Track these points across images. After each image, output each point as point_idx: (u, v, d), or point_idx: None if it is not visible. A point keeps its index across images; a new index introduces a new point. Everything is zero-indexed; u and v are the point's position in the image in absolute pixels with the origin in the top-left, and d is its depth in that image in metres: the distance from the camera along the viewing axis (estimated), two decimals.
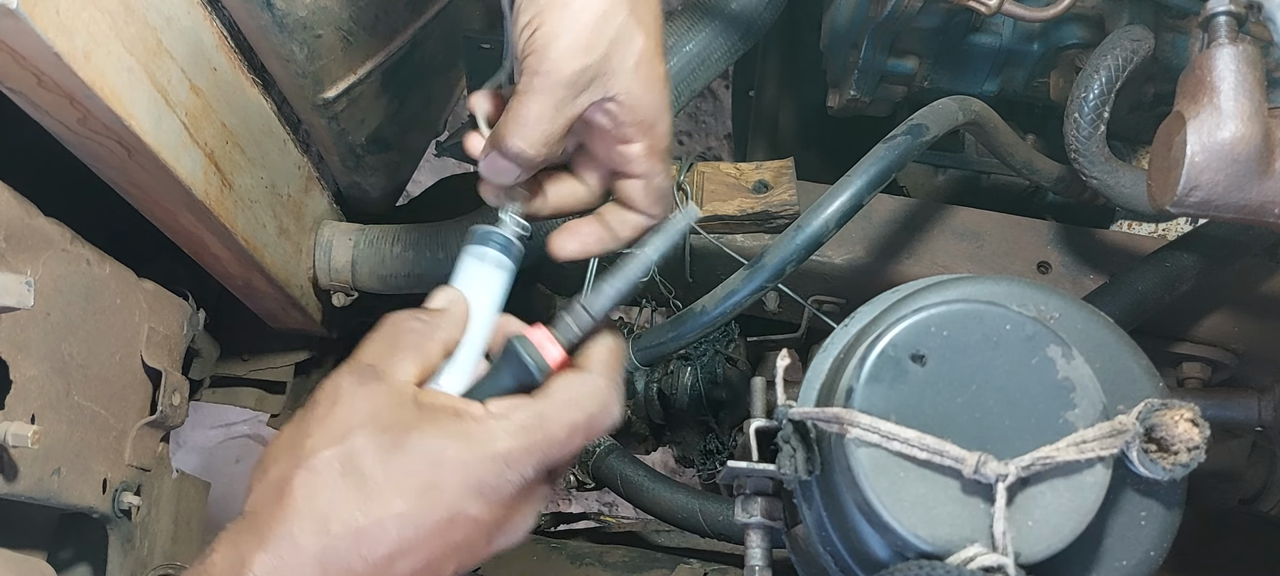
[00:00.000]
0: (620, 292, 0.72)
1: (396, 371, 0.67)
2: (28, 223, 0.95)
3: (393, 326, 0.71)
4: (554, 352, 0.71)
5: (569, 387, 0.69)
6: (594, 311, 0.72)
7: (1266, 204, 0.79)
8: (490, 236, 0.78)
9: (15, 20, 0.71)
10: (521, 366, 0.69)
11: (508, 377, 0.70)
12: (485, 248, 0.78)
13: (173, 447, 1.30)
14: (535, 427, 0.67)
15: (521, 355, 0.69)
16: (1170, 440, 0.63)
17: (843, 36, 1.27)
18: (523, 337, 0.70)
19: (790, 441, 0.72)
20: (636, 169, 0.78)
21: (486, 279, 0.77)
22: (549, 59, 0.72)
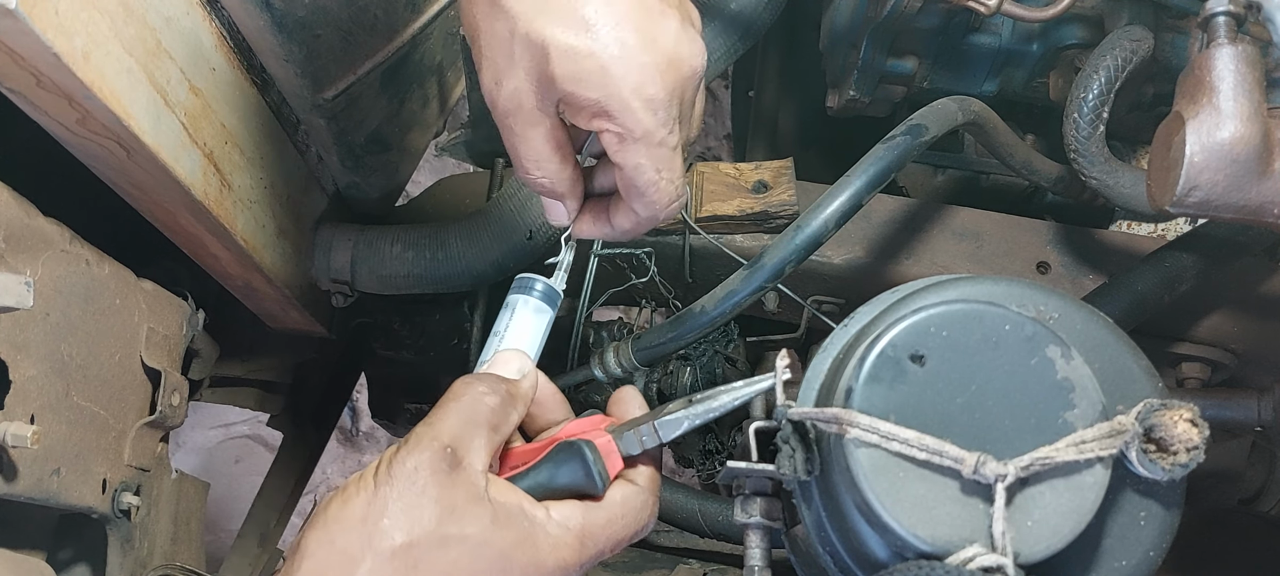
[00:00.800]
0: (692, 427, 0.74)
1: (474, 459, 0.68)
2: (27, 223, 0.95)
3: (472, 399, 0.71)
4: (615, 464, 0.74)
5: (624, 504, 0.73)
6: (664, 437, 0.74)
7: (1266, 204, 0.79)
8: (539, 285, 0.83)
9: (14, 20, 0.71)
10: (586, 474, 0.72)
11: (567, 474, 0.72)
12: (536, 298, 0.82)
13: (172, 448, 1.30)
14: (592, 540, 0.71)
15: (589, 466, 0.72)
16: (1169, 440, 0.63)
17: (842, 37, 1.27)
18: (593, 447, 0.73)
19: (789, 441, 0.72)
20: (614, 158, 0.76)
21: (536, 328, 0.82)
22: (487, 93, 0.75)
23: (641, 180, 0.75)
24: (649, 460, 0.77)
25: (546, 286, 0.83)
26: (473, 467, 0.68)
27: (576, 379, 1.29)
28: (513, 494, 0.69)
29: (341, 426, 2.89)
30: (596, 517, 0.72)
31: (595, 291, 1.34)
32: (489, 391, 0.72)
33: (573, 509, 0.71)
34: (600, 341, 1.38)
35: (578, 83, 0.70)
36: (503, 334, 0.82)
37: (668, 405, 0.76)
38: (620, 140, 0.73)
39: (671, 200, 0.78)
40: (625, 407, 0.80)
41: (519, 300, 0.83)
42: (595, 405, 1.41)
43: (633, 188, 0.76)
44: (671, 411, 0.74)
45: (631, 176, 0.75)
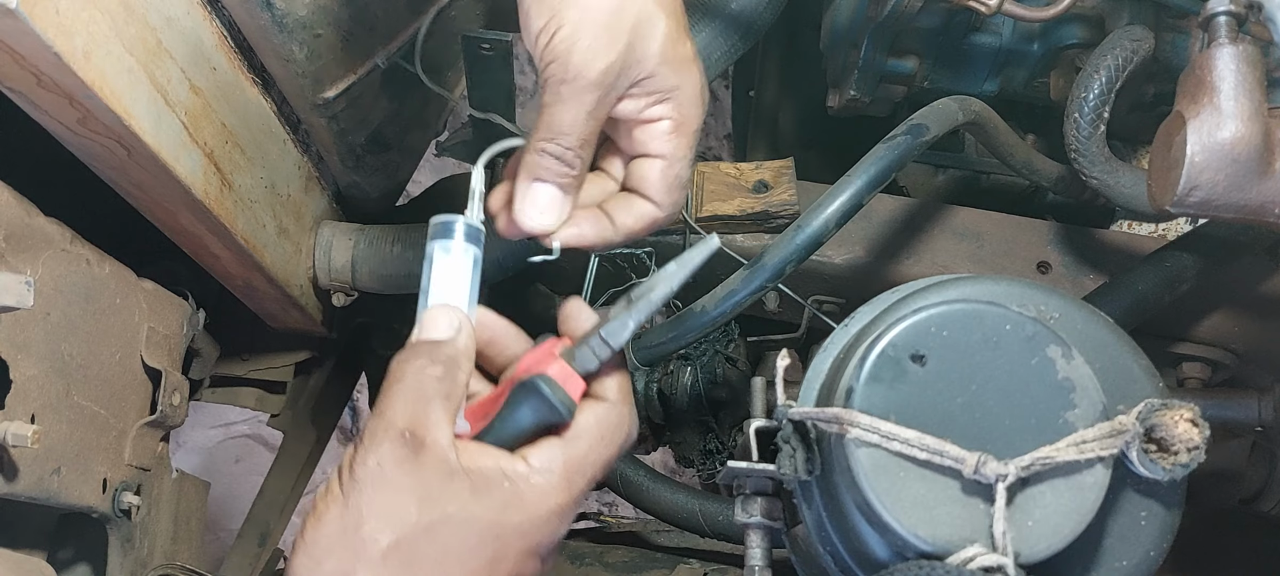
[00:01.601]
0: (638, 324, 0.71)
1: (435, 432, 0.65)
2: (28, 222, 0.95)
3: (414, 375, 0.67)
4: (576, 387, 0.70)
5: (600, 423, 0.70)
6: (614, 344, 0.70)
7: (1266, 204, 0.79)
8: (454, 225, 0.75)
9: (15, 20, 0.71)
10: (549, 408, 0.68)
11: (531, 414, 0.69)
12: (452, 239, 0.75)
13: (173, 447, 1.30)
14: (578, 473, 0.68)
15: (549, 397, 0.68)
16: (1170, 440, 0.63)
17: (843, 36, 1.27)
18: (548, 378, 0.69)
19: (790, 441, 0.72)
20: (655, 148, 0.75)
21: (462, 271, 0.75)
22: (572, 64, 0.70)
23: (681, 171, 0.76)
24: (611, 369, 0.72)
25: (465, 225, 0.75)
26: (438, 443, 0.64)
27: None
28: (486, 455, 0.66)
29: (341, 426, 2.89)
30: (576, 449, 0.68)
31: (595, 291, 1.34)
32: (428, 361, 0.68)
33: (550, 448, 0.68)
34: None
35: (668, 64, 0.72)
36: (428, 291, 0.75)
37: (610, 310, 0.72)
38: (675, 128, 0.74)
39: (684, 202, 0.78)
40: (576, 323, 0.74)
41: (435, 248, 0.75)
42: None
43: (668, 179, 0.76)
44: (614, 316, 0.71)
45: (670, 168, 0.76)
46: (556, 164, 0.74)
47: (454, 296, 0.74)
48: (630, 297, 0.71)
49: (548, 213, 0.76)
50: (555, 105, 0.72)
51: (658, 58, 0.72)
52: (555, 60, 0.70)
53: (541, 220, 0.77)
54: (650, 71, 0.72)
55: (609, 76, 0.70)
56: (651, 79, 0.72)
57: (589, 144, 0.74)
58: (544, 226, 0.77)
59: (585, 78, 0.70)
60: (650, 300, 0.71)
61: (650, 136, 0.75)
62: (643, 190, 0.77)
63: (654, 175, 0.76)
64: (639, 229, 0.79)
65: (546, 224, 0.77)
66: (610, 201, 0.79)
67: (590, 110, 0.72)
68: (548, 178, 0.75)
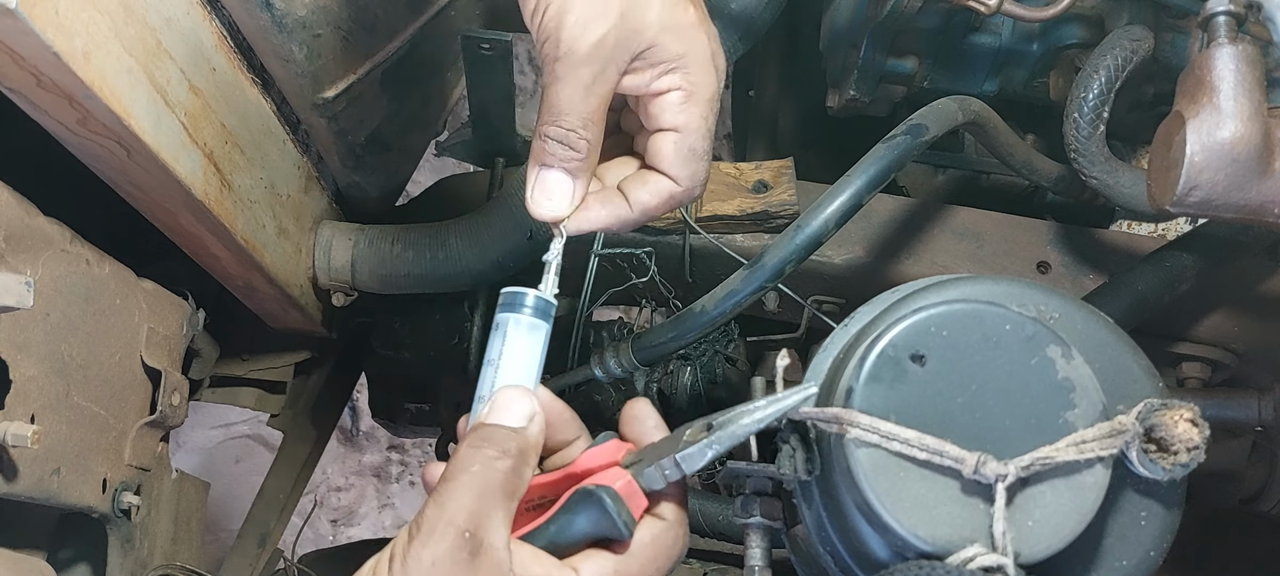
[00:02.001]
0: (716, 455, 0.68)
1: (494, 537, 0.62)
2: (27, 223, 0.95)
3: (483, 468, 0.64)
4: (639, 505, 0.68)
5: (655, 544, 0.68)
6: (688, 470, 0.68)
7: (1266, 203, 0.79)
8: (529, 300, 0.72)
9: (14, 20, 0.71)
10: (610, 523, 0.66)
11: (589, 525, 0.67)
12: (528, 315, 0.72)
13: (173, 447, 1.30)
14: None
15: (613, 513, 0.66)
16: (1170, 440, 0.63)
17: (842, 36, 1.27)
18: (613, 493, 0.66)
19: (790, 441, 0.72)
20: (668, 120, 0.73)
21: (532, 349, 0.72)
22: (563, 39, 0.68)
23: (696, 143, 0.73)
24: (674, 491, 0.70)
25: (537, 299, 0.72)
26: (494, 548, 0.62)
27: (576, 378, 1.29)
28: (539, 563, 0.64)
29: (341, 426, 2.89)
30: (629, 568, 0.66)
31: (595, 291, 1.34)
32: (499, 454, 0.64)
33: (604, 564, 0.66)
34: (600, 341, 1.38)
35: (670, 32, 0.70)
36: (497, 364, 0.72)
37: (685, 430, 0.69)
38: (686, 99, 0.72)
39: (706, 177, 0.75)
40: (640, 427, 0.73)
41: (509, 320, 0.72)
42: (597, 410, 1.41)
43: (682, 151, 0.73)
44: (692, 440, 0.68)
45: (684, 139, 0.73)
46: (560, 148, 0.72)
47: (525, 376, 0.71)
48: (711, 422, 0.68)
49: (557, 199, 0.74)
50: (552, 85, 0.70)
51: (657, 26, 0.70)
52: (547, 38, 0.69)
53: (550, 207, 0.74)
54: (651, 41, 0.70)
55: (603, 49, 0.69)
56: (654, 49, 0.70)
57: (593, 124, 0.72)
58: (554, 213, 0.75)
59: (577, 52, 0.68)
60: (733, 433, 0.67)
61: (662, 109, 0.73)
62: (658, 165, 0.75)
63: (668, 148, 0.74)
64: (656, 205, 0.75)
65: (557, 210, 0.74)
66: (626, 181, 0.77)
67: (587, 85, 0.70)
68: (553, 163, 0.73)
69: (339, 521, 2.84)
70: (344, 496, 2.87)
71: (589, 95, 0.70)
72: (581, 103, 0.70)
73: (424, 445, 2.89)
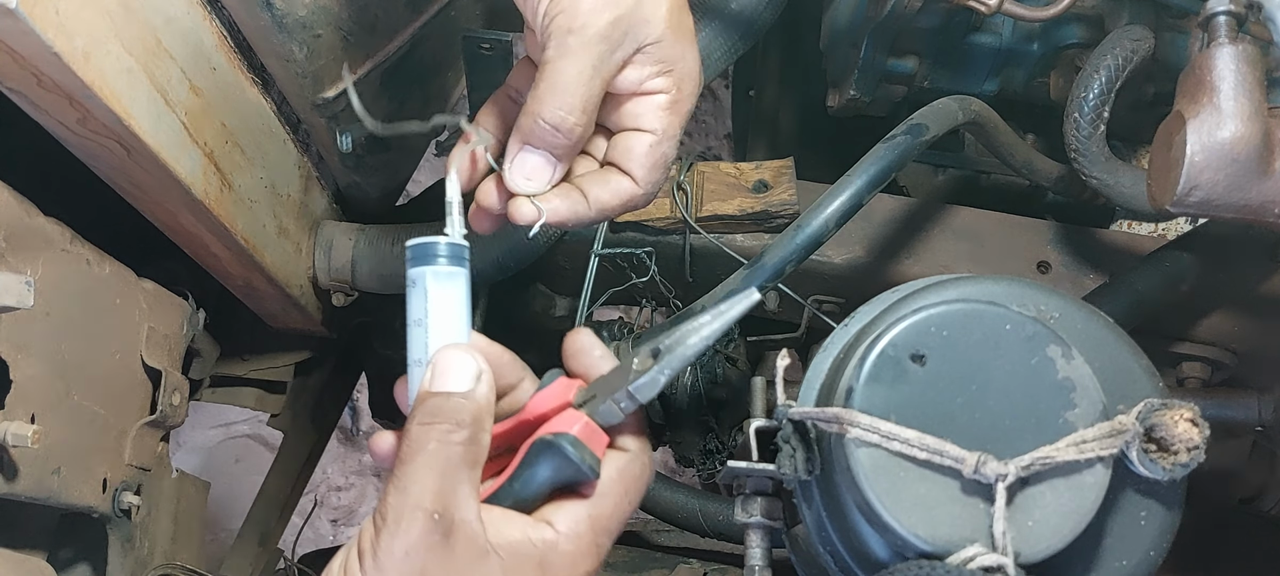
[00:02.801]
0: (669, 379, 0.65)
1: (464, 510, 0.60)
2: (27, 222, 0.95)
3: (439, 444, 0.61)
4: (600, 444, 0.66)
5: (623, 476, 0.67)
6: (643, 399, 0.66)
7: (1266, 203, 0.79)
8: (441, 248, 0.69)
9: (15, 20, 0.71)
10: (575, 469, 0.65)
11: (554, 473, 0.65)
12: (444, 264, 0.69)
13: (173, 447, 1.30)
14: (604, 532, 0.66)
15: (575, 459, 0.64)
16: (1170, 440, 0.63)
17: (843, 36, 1.27)
18: (571, 439, 0.64)
19: (790, 441, 0.72)
20: (647, 121, 0.72)
21: (457, 298, 0.69)
22: (580, 12, 0.66)
23: (667, 150, 0.73)
24: (632, 421, 0.68)
25: (449, 245, 0.69)
26: (466, 522, 0.60)
27: None
28: (512, 526, 0.63)
29: (342, 426, 2.89)
30: (602, 508, 0.65)
31: (595, 291, 1.34)
32: (453, 426, 0.62)
33: (577, 511, 0.65)
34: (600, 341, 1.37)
35: (674, 32, 0.70)
36: (425, 322, 0.69)
37: (633, 358, 0.67)
38: (671, 104, 0.72)
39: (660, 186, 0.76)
40: (587, 359, 0.70)
41: (426, 273, 0.69)
42: None
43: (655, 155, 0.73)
44: (642, 369, 0.65)
45: (658, 145, 0.73)
46: (551, 132, 0.70)
47: (456, 330, 0.68)
48: (660, 347, 0.66)
49: (536, 180, 0.73)
50: (559, 58, 0.68)
51: (664, 23, 0.69)
52: (562, 11, 0.67)
53: (526, 186, 0.73)
54: (657, 36, 0.69)
55: (617, 31, 0.67)
56: (658, 45, 0.70)
57: (589, 110, 0.70)
58: (529, 193, 0.73)
59: (593, 27, 0.67)
60: (682, 353, 0.65)
61: (644, 109, 0.72)
62: (624, 164, 0.73)
63: (640, 149, 0.72)
64: (614, 205, 0.74)
65: (533, 191, 0.73)
66: (585, 177, 0.75)
67: (595, 65, 0.68)
68: (541, 144, 0.71)
69: (339, 521, 2.84)
70: (344, 496, 2.87)
71: (594, 77, 0.69)
72: (586, 84, 0.68)
73: None
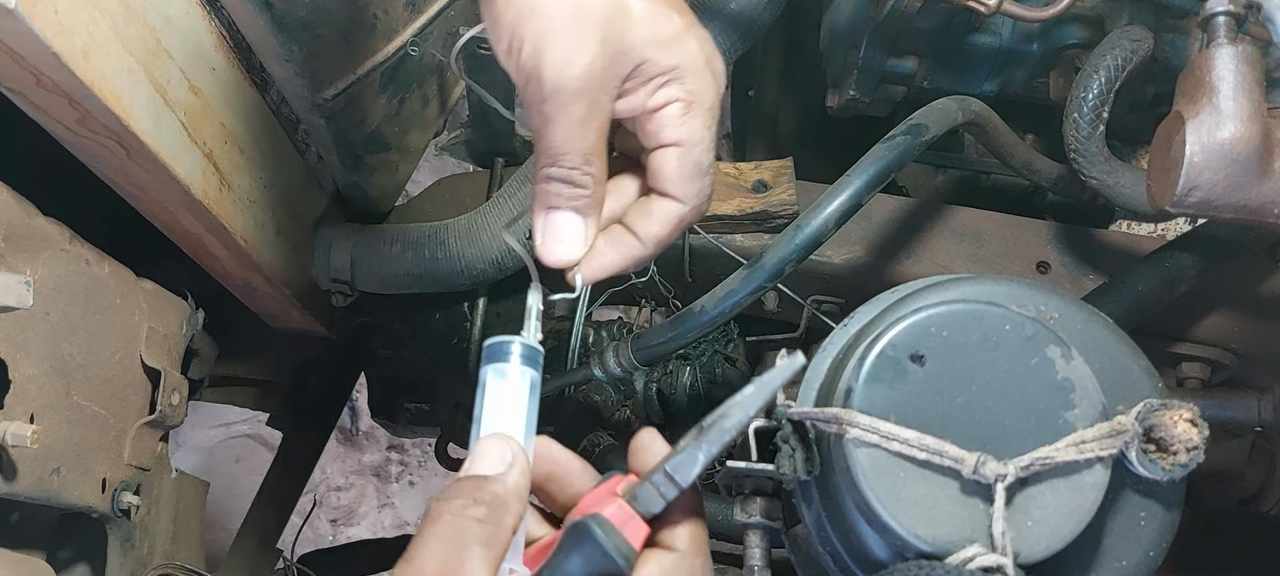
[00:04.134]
0: (709, 458, 0.62)
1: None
2: (27, 222, 0.95)
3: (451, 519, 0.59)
4: (637, 531, 0.61)
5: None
6: (682, 481, 0.62)
7: (1266, 204, 0.79)
8: (509, 348, 0.67)
9: (14, 20, 0.71)
10: (603, 555, 0.60)
11: (582, 563, 0.60)
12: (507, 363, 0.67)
13: (172, 447, 1.30)
14: None
15: (603, 543, 0.60)
16: (1169, 440, 0.63)
17: (842, 36, 1.27)
18: (602, 520, 0.60)
19: (789, 441, 0.72)
20: (669, 135, 0.68)
21: (517, 398, 0.67)
22: (547, 78, 0.63)
23: (700, 157, 0.69)
24: (683, 514, 0.63)
25: (522, 346, 0.67)
26: None
27: (575, 378, 1.29)
28: None
29: (341, 426, 2.89)
30: None
31: (595, 291, 1.34)
32: (469, 502, 0.59)
33: None
34: (600, 341, 1.38)
35: (658, 45, 0.65)
36: (479, 419, 0.67)
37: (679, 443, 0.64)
38: (686, 110, 0.67)
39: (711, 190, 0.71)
40: (646, 456, 0.66)
41: (489, 372, 0.67)
42: (596, 410, 1.41)
43: (686, 167, 0.68)
44: (681, 448, 0.62)
45: (687, 154, 0.68)
46: (566, 188, 0.68)
47: (509, 426, 0.66)
48: (701, 426, 0.63)
49: (570, 242, 0.70)
50: (544, 127, 0.65)
51: (642, 41, 0.65)
52: (529, 79, 0.64)
53: (564, 251, 0.70)
54: (639, 58, 0.65)
55: (590, 80, 0.64)
56: (644, 66, 0.66)
57: (594, 158, 0.67)
58: (569, 257, 0.70)
59: (565, 89, 0.63)
60: (724, 429, 0.62)
61: (661, 124, 0.68)
62: (661, 187, 0.70)
63: (670, 166, 0.68)
64: (667, 233, 0.71)
65: (571, 254, 0.70)
66: (630, 213, 0.72)
67: (581, 121, 0.65)
68: (561, 204, 0.69)
69: (338, 521, 2.84)
70: (343, 496, 2.87)
71: (585, 130, 0.65)
72: (578, 139, 0.65)
73: (424, 445, 2.89)
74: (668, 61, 0.66)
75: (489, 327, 1.38)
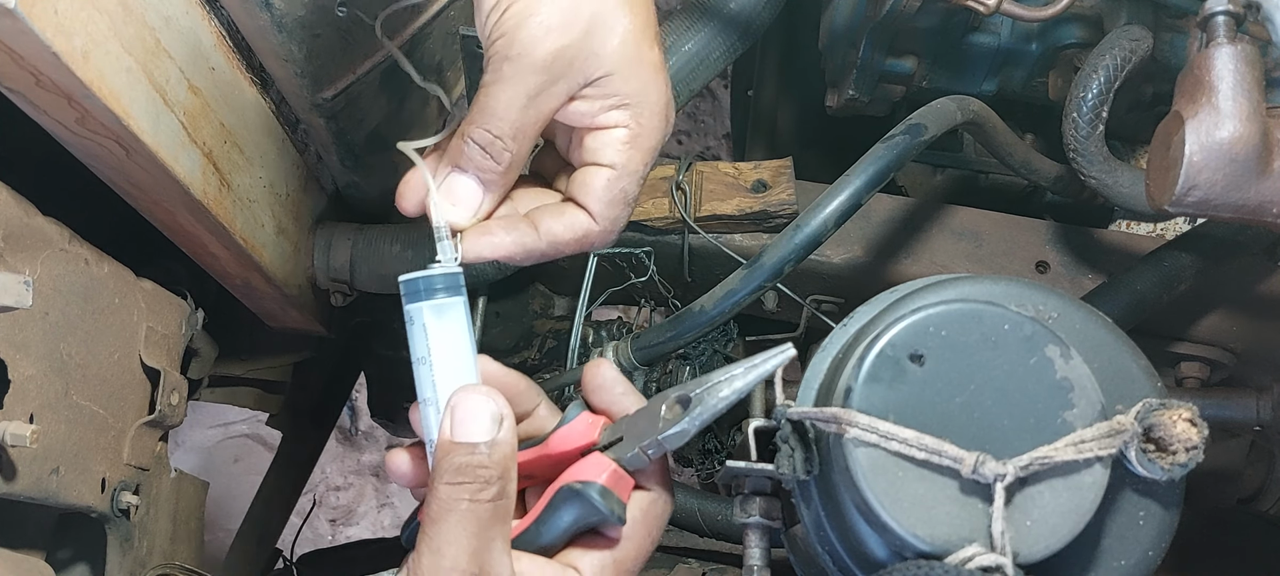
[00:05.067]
0: (697, 429, 0.65)
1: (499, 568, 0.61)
2: (26, 222, 0.95)
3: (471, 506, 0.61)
4: (628, 488, 0.67)
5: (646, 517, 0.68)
6: (671, 448, 0.66)
7: (1265, 203, 0.79)
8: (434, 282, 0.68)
9: (13, 20, 0.71)
10: (602, 517, 0.65)
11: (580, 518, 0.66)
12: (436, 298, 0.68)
13: (172, 447, 1.30)
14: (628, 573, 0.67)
15: (602, 508, 0.65)
16: (1168, 440, 0.63)
17: (841, 36, 1.27)
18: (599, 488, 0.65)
19: (788, 441, 0.72)
20: (606, 156, 0.69)
21: (460, 330, 0.68)
22: (520, 40, 0.63)
23: (629, 187, 0.70)
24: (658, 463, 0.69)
25: (443, 276, 0.68)
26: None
27: (574, 378, 1.29)
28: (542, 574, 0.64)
29: (341, 425, 2.89)
30: (627, 551, 0.66)
31: (594, 291, 1.34)
32: (481, 485, 0.61)
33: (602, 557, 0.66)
34: (599, 340, 1.38)
35: (629, 68, 0.66)
36: (429, 360, 0.67)
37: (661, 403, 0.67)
38: (631, 140, 0.68)
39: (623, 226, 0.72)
40: (608, 394, 0.69)
41: (423, 309, 0.67)
42: None
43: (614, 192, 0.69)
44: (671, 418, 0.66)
45: (617, 181, 0.69)
46: (480, 154, 0.68)
47: (463, 363, 0.67)
48: (690, 396, 0.66)
49: (462, 205, 0.70)
50: (493, 84, 0.65)
51: (616, 57, 0.66)
52: (502, 35, 0.64)
53: (452, 213, 0.70)
54: (608, 70, 0.66)
55: (558, 63, 0.64)
56: (609, 79, 0.66)
57: (522, 137, 0.67)
58: (453, 220, 0.70)
59: (531, 56, 0.64)
60: (712, 405, 0.65)
61: (602, 143, 0.68)
62: (581, 199, 0.70)
63: (598, 184, 0.69)
64: (568, 240, 0.71)
65: (456, 218, 0.70)
66: (538, 210, 0.72)
67: (530, 94, 0.65)
68: (469, 167, 0.69)
69: (338, 521, 2.84)
70: (343, 495, 2.87)
71: (530, 107, 0.66)
72: (519, 112, 0.65)
73: None
74: (632, 87, 0.67)
75: (489, 327, 1.38)
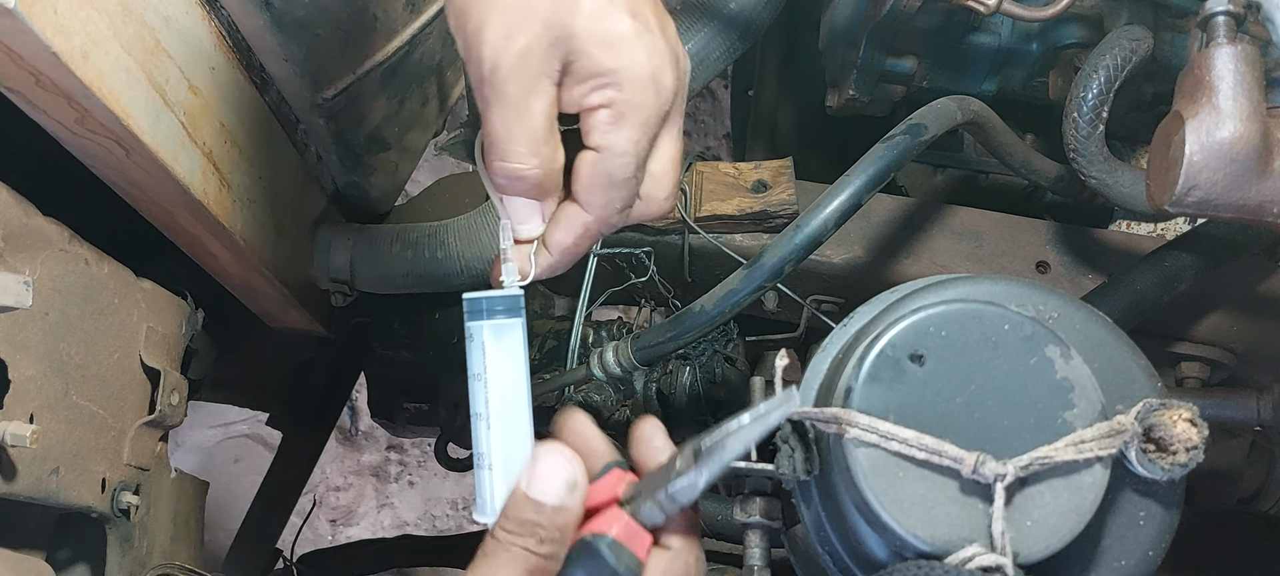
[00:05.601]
0: (710, 481, 0.64)
1: None
2: (26, 222, 0.95)
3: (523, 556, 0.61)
4: (642, 544, 0.65)
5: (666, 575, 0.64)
6: (683, 502, 0.64)
7: (1265, 203, 0.79)
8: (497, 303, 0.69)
9: (13, 20, 0.71)
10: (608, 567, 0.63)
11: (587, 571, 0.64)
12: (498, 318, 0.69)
13: (172, 447, 1.30)
14: None
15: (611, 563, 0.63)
16: (1169, 440, 0.63)
17: (841, 36, 1.27)
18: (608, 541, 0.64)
19: (789, 441, 0.72)
20: (593, 139, 0.65)
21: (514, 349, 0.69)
22: (485, 57, 0.62)
23: (617, 168, 0.66)
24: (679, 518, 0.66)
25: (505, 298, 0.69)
26: None
27: (575, 378, 1.29)
28: None
29: (341, 426, 2.89)
30: None
31: (594, 291, 1.34)
32: (538, 542, 0.61)
33: None
34: (599, 340, 1.38)
35: (601, 43, 0.63)
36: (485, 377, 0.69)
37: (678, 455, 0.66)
38: (616, 118, 0.65)
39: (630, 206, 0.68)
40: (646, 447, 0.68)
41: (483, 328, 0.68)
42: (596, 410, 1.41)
43: (598, 176, 0.66)
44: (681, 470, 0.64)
45: (602, 162, 0.66)
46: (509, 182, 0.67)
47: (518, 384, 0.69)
48: (701, 448, 0.65)
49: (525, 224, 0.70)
50: (485, 111, 0.64)
51: (583, 35, 0.62)
52: (470, 59, 0.63)
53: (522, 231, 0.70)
54: (578, 51, 0.63)
55: (529, 61, 0.62)
56: (582, 60, 0.63)
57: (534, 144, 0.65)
58: (530, 234, 0.70)
59: (500, 67, 0.62)
60: (721, 458, 0.63)
61: (589, 127, 0.65)
62: (573, 189, 0.67)
63: (583, 171, 0.66)
64: (572, 242, 0.69)
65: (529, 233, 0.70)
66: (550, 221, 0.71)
67: (517, 105, 0.63)
68: (512, 190, 0.68)
69: (338, 521, 2.84)
70: (343, 496, 2.87)
71: (523, 115, 0.63)
72: (517, 126, 0.64)
73: (423, 445, 2.89)
74: (608, 63, 0.63)
75: None
